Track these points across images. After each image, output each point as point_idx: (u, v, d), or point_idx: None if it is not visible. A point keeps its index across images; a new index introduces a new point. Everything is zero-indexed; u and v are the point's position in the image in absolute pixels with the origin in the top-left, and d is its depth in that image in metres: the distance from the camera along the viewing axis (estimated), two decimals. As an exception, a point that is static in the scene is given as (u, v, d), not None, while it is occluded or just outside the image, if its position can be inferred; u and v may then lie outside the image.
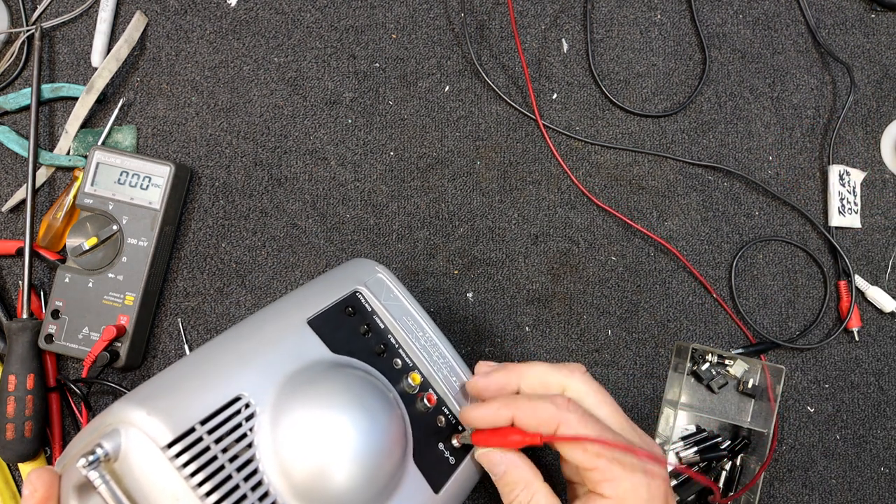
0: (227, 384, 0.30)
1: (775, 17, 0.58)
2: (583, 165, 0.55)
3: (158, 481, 0.27)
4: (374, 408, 0.32)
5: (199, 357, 0.33)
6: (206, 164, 0.54)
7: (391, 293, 0.40)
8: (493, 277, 0.54)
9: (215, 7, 0.55)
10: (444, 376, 0.39)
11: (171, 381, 0.31)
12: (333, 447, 0.30)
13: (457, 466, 0.37)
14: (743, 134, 0.56)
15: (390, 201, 0.54)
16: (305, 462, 0.29)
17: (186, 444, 0.27)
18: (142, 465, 0.27)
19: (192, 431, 0.28)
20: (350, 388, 0.33)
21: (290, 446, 0.30)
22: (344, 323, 0.37)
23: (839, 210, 0.55)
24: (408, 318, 0.40)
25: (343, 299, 0.38)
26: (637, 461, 0.33)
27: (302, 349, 0.34)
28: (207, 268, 0.53)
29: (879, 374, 0.54)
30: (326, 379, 0.33)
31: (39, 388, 0.48)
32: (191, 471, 0.27)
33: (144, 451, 0.27)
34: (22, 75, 0.54)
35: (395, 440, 0.33)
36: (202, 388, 0.30)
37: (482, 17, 0.57)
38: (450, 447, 0.37)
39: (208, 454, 0.28)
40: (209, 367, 0.32)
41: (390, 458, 0.33)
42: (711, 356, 0.52)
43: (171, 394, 0.29)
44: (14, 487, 0.50)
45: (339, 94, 0.55)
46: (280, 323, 0.35)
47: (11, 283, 0.52)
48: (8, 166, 0.53)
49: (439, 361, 0.39)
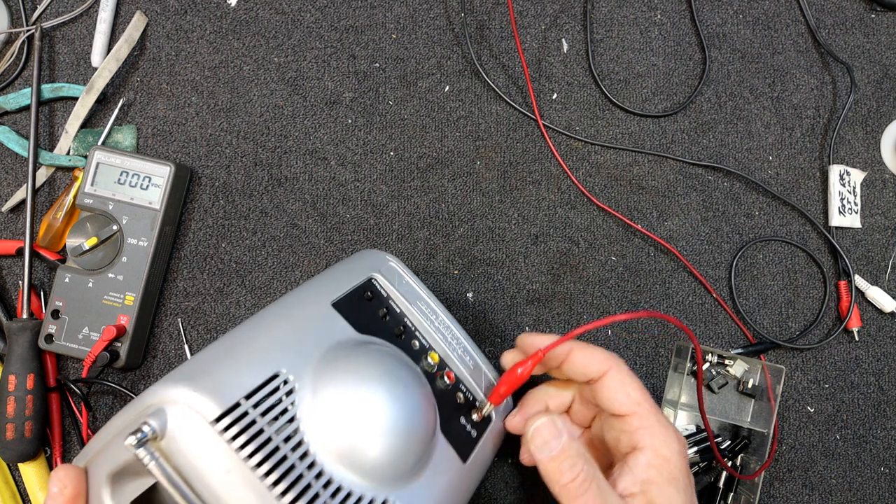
0: (264, 363, 0.31)
1: (775, 17, 0.58)
2: (583, 165, 0.55)
3: (208, 455, 0.27)
4: (407, 379, 0.34)
5: (229, 341, 0.33)
6: (206, 164, 0.54)
7: (403, 280, 0.42)
8: (493, 277, 0.54)
9: (215, 7, 0.55)
10: (458, 356, 0.41)
11: (207, 362, 0.31)
12: (375, 416, 0.31)
13: (479, 439, 0.39)
14: (743, 134, 0.56)
15: (390, 201, 0.54)
16: (349, 431, 0.30)
17: (234, 417, 0.28)
18: (190, 441, 0.27)
19: (238, 406, 0.28)
20: (383, 361, 0.34)
21: (332, 417, 0.30)
22: (364, 307, 0.39)
23: (839, 210, 0.55)
24: (421, 303, 0.42)
25: (361, 285, 0.40)
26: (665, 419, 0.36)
27: (330, 330, 0.36)
28: (207, 268, 0.53)
29: (879, 374, 0.54)
30: (360, 354, 0.34)
31: (39, 388, 0.48)
32: (241, 443, 0.27)
33: (192, 426, 0.27)
34: (22, 75, 0.54)
35: (427, 410, 0.35)
36: (240, 367, 0.30)
37: (482, 17, 0.57)
38: (470, 421, 0.39)
39: (255, 427, 0.28)
40: (243, 349, 0.32)
41: (425, 425, 0.34)
42: (711, 356, 0.52)
43: (211, 373, 0.30)
44: (14, 487, 0.50)
45: (339, 94, 0.55)
46: (306, 307, 0.37)
47: (11, 283, 0.52)
48: (8, 166, 0.53)
49: (453, 343, 0.42)
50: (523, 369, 0.37)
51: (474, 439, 0.39)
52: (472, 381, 0.41)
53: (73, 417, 0.51)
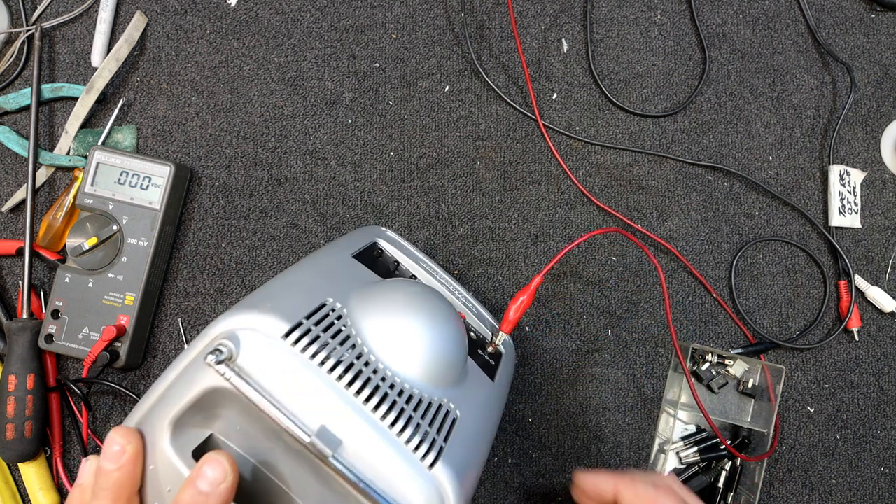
0: (312, 294, 0.33)
1: (775, 17, 0.58)
2: (583, 165, 0.55)
3: (285, 368, 0.29)
4: (440, 300, 0.37)
5: (275, 283, 0.35)
6: (206, 164, 0.54)
7: (403, 245, 0.46)
8: (493, 277, 0.54)
9: (215, 7, 0.55)
10: (463, 303, 0.44)
11: (262, 296, 0.32)
12: (425, 326, 0.34)
13: (497, 366, 0.42)
14: (743, 134, 0.56)
15: (390, 201, 0.54)
16: (403, 341, 0.33)
17: (301, 332, 0.30)
18: (265, 358, 0.29)
19: (301, 324, 0.30)
20: (416, 286, 0.38)
21: (386, 331, 0.33)
22: (378, 261, 0.43)
23: (839, 210, 0.55)
24: (422, 263, 0.45)
25: (370, 245, 0.43)
26: None
27: (357, 273, 0.39)
28: (207, 268, 0.53)
29: (879, 374, 0.54)
30: (395, 284, 0.37)
31: (39, 388, 0.48)
32: (312, 352, 0.29)
33: (265, 345, 0.29)
34: (22, 75, 0.54)
35: (461, 325, 0.37)
36: (293, 297, 0.33)
37: (482, 17, 0.57)
38: (486, 352, 0.42)
39: (320, 341, 0.30)
40: (289, 285, 0.34)
41: (464, 336, 0.37)
42: (711, 356, 0.52)
43: (269, 300, 0.31)
44: (14, 487, 0.50)
45: (339, 94, 0.55)
46: (330, 259, 0.39)
47: (11, 283, 0.52)
48: (8, 166, 0.53)
49: (456, 293, 0.45)
50: (527, 296, 0.42)
51: (493, 366, 0.42)
52: (479, 323, 0.44)
53: (73, 417, 0.51)
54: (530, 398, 0.52)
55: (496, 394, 0.40)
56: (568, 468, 0.52)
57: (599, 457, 0.52)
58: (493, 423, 0.39)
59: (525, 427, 0.52)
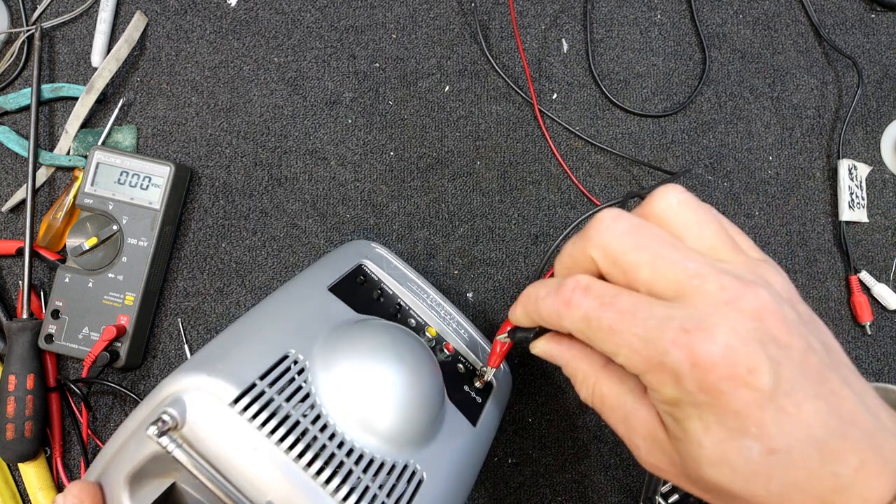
0: (272, 346, 0.32)
1: (775, 17, 0.58)
2: (583, 165, 0.55)
3: (232, 437, 0.27)
4: (413, 345, 0.35)
5: (233, 332, 0.34)
6: (206, 164, 0.54)
7: (391, 264, 0.44)
8: (493, 277, 0.54)
9: (215, 7, 0.55)
10: (454, 329, 0.42)
11: (216, 352, 0.31)
12: (389, 383, 0.32)
13: (484, 404, 0.40)
14: (743, 134, 0.56)
15: (390, 201, 0.54)
16: (365, 400, 0.31)
17: (252, 397, 0.28)
18: (211, 425, 0.27)
19: (254, 386, 0.29)
20: (388, 331, 0.35)
21: (347, 388, 0.31)
22: (359, 290, 0.40)
23: (849, 205, 0.54)
24: (411, 284, 0.43)
25: (353, 271, 0.41)
26: None
27: (330, 312, 0.37)
28: (207, 268, 0.53)
29: (879, 375, 0.54)
30: (365, 328, 0.35)
31: (39, 388, 0.48)
32: (262, 420, 0.28)
33: (212, 411, 0.28)
34: (22, 75, 0.54)
35: (436, 374, 0.36)
36: (250, 352, 0.31)
37: (482, 17, 0.57)
38: (474, 389, 0.40)
39: (273, 405, 0.29)
40: (249, 336, 0.33)
41: (436, 389, 0.35)
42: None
43: (222, 359, 0.30)
44: (14, 487, 0.50)
45: (339, 94, 0.55)
46: (304, 293, 0.37)
47: (11, 283, 0.52)
48: (8, 166, 0.53)
49: (447, 318, 0.43)
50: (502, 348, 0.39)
51: (480, 404, 0.40)
52: (469, 352, 0.42)
53: (73, 417, 0.51)
54: (530, 398, 0.52)
55: (477, 439, 0.38)
56: (568, 468, 0.52)
57: (599, 457, 0.52)
58: (470, 472, 0.37)
59: (525, 427, 0.52)
